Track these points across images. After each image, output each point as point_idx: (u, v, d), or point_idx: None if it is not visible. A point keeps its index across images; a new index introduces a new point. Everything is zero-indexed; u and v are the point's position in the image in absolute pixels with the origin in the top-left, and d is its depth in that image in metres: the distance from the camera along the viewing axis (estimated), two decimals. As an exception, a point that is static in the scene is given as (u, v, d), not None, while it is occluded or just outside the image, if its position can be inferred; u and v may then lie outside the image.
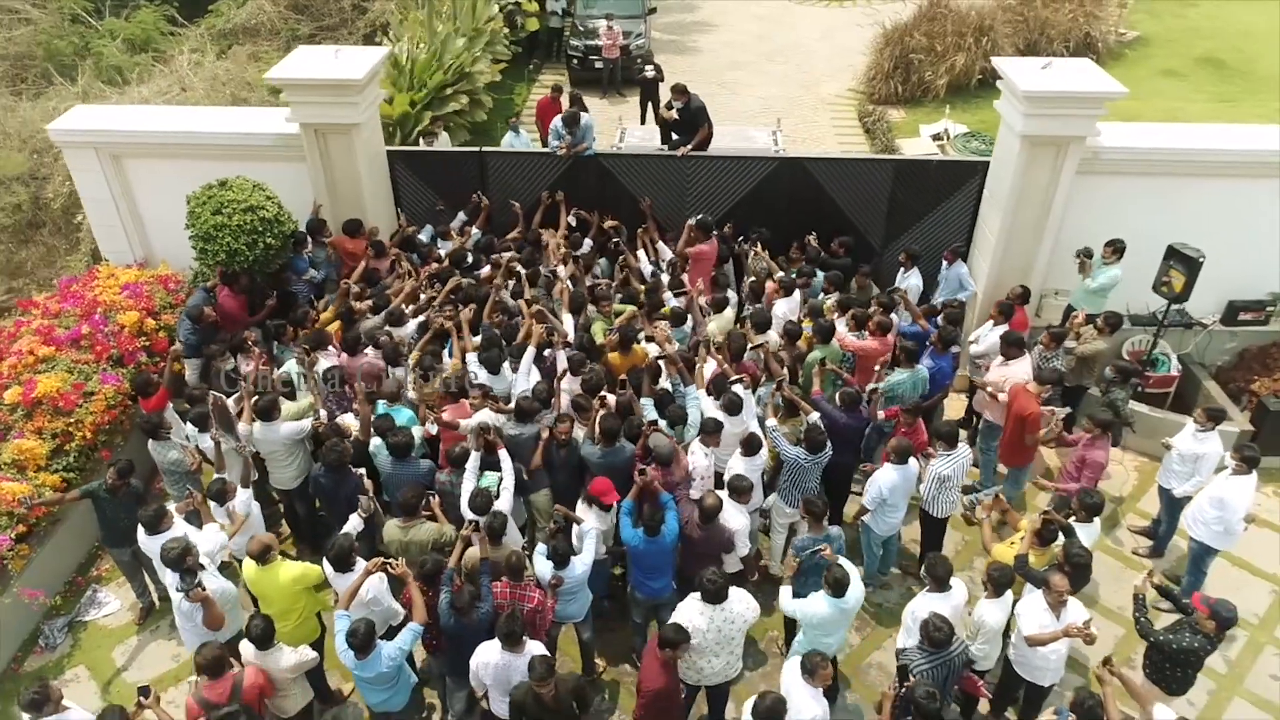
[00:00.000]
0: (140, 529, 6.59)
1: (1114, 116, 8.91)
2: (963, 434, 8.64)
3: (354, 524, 6.63)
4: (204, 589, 5.99)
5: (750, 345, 8.09)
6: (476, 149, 10.22)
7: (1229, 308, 9.78)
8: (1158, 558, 8.27)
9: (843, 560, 6.16)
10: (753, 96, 18.20)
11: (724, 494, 6.86)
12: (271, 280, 8.93)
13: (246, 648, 5.88)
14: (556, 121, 9.79)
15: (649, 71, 15.67)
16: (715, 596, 5.81)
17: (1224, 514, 7.08)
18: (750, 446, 7.15)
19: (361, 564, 6.27)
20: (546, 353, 8.03)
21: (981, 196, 9.70)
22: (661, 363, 7.94)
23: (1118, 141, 8.93)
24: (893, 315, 8.62)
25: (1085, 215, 9.34)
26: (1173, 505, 7.98)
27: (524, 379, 7.77)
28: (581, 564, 6.48)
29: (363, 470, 7.07)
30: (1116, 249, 8.88)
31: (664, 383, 7.94)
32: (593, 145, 9.92)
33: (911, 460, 7.24)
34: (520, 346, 7.96)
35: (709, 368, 7.93)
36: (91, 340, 8.37)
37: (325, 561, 6.29)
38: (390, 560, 6.13)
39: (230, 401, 7.47)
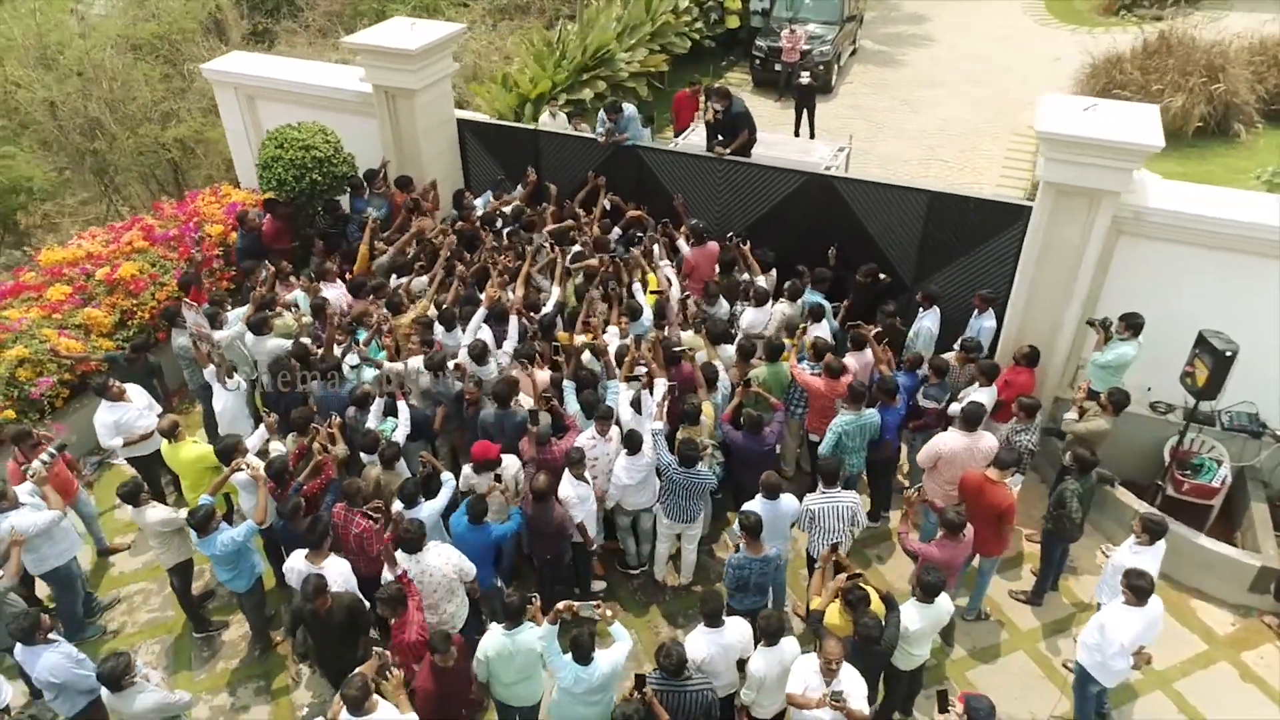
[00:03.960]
0: None
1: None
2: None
3: (260, 434, 7.61)
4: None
5: (678, 349, 8.08)
6: (532, 127, 10.90)
7: (1315, 422, 8.12)
8: (1090, 678, 7.20)
9: (616, 628, 5.93)
10: (934, 116, 17.21)
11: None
12: (331, 217, 10.26)
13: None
14: (601, 111, 10.19)
15: (804, 77, 15.44)
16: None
17: (1102, 644, 6.09)
18: (631, 444, 7.24)
19: (254, 459, 7.28)
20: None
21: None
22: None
23: (1163, 203, 7.73)
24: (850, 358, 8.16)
25: (1130, 283, 8.19)
26: (1106, 623, 6.91)
27: (469, 337, 8.38)
28: (428, 509, 7.01)
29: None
30: (1131, 324, 7.73)
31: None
32: (637, 137, 10.21)
33: (785, 497, 6.97)
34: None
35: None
36: (179, 242, 10.16)
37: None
38: (247, 460, 7.05)
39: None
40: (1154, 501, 8.28)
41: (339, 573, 6.52)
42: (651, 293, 8.98)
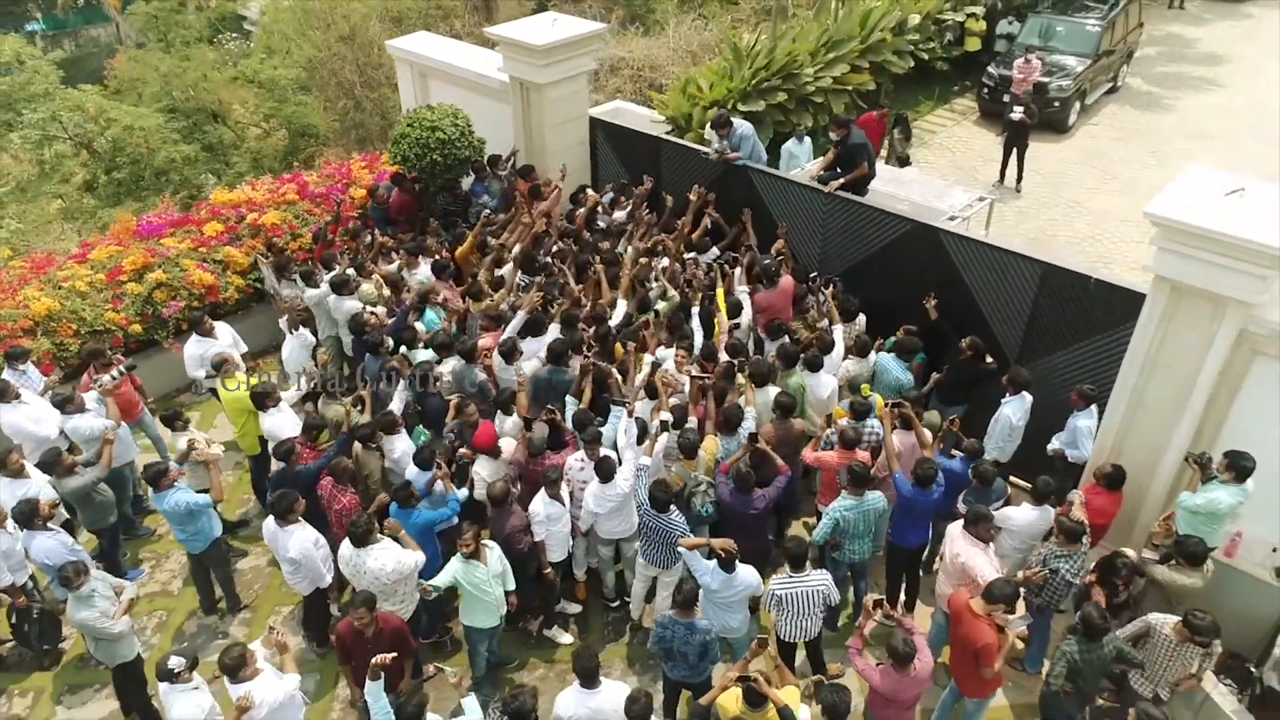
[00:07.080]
0: None
1: None
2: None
3: (301, 385, 8.17)
4: None
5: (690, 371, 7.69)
6: (654, 134, 10.66)
7: None
8: None
9: (470, 700, 5.70)
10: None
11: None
12: (449, 196, 10.71)
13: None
14: (709, 126, 9.77)
15: (1016, 112, 13.87)
16: None
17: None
18: (602, 472, 6.94)
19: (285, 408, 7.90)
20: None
21: (1147, 343, 7.30)
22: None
23: (1310, 325, 6.06)
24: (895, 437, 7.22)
25: (1267, 415, 6.54)
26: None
27: (509, 332, 8.41)
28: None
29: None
30: (1235, 466, 6.21)
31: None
32: (749, 155, 9.68)
33: (743, 569, 6.39)
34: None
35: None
36: (325, 200, 11.10)
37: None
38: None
39: None
40: (1244, 690, 6.65)
41: (300, 540, 6.79)
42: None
